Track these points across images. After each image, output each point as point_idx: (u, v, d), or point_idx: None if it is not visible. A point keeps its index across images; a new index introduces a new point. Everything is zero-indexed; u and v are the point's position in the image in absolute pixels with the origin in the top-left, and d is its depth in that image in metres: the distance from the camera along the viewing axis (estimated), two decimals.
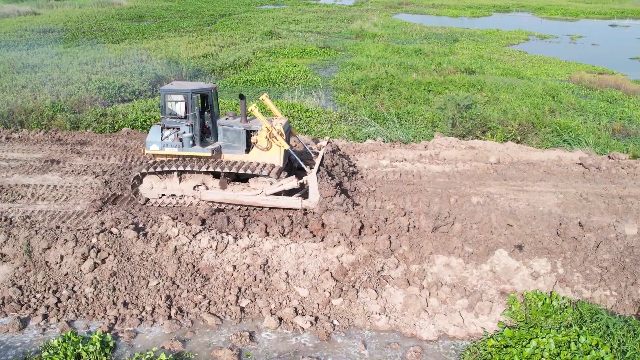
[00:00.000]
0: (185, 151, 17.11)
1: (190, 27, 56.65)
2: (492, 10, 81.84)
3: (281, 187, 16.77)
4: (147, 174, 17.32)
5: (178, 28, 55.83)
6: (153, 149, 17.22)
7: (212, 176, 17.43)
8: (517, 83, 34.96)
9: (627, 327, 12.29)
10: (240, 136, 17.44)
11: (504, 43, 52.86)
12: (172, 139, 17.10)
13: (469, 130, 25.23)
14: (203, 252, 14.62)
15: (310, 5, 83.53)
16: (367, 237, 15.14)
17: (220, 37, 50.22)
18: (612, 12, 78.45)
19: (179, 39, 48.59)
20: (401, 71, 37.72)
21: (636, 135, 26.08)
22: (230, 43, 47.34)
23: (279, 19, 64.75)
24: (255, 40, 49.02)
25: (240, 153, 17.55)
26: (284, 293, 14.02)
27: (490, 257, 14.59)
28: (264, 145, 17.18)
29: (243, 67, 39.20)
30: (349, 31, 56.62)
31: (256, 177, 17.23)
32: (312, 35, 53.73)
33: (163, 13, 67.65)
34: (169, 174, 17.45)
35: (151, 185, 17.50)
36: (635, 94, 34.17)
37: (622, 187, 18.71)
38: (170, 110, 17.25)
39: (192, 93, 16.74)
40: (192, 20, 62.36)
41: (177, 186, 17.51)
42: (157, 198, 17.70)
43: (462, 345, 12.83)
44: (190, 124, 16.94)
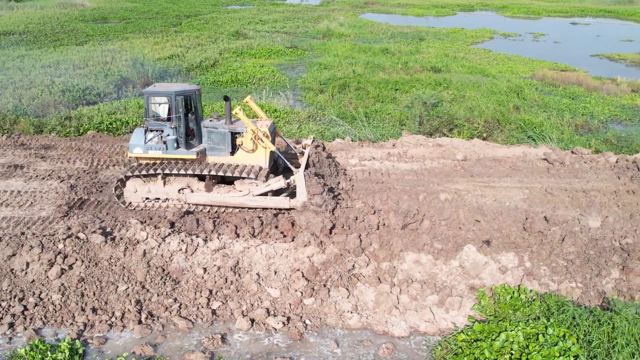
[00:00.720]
0: (170, 154, 16.90)
1: (155, 28, 55.98)
2: (457, 9, 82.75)
3: (268, 187, 16.71)
4: (131, 177, 17.04)
5: (143, 29, 55.11)
6: (136, 152, 16.97)
7: (197, 179, 17.26)
8: (482, 81, 35.44)
9: (593, 318, 12.59)
10: (225, 138, 17.30)
11: (469, 42, 53.53)
12: (156, 142, 16.89)
13: (436, 128, 25.51)
14: (173, 255, 14.50)
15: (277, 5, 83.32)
16: (338, 236, 15.20)
17: (186, 37, 49.75)
18: (573, 10, 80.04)
19: (144, 40, 47.97)
20: (368, 70, 37.90)
21: (598, 131, 26.71)
22: (196, 44, 46.92)
23: (245, 19, 64.43)
24: (221, 41, 48.68)
25: (225, 155, 17.41)
26: (256, 294, 13.99)
27: (459, 252, 14.78)
28: (249, 147, 17.08)
29: (210, 68, 38.90)
30: (315, 31, 56.66)
31: (242, 179, 17.10)
32: (279, 36, 53.63)
33: (127, 14, 66.68)
34: (153, 177, 17.21)
35: (135, 188, 17.25)
36: (597, 90, 34.98)
37: (585, 181, 19.13)
38: (154, 113, 17.03)
39: (175, 95, 16.54)
40: (157, 21, 61.63)
41: (161, 189, 17.29)
42: (141, 202, 17.46)
43: (433, 341, 12.98)
44: (174, 126, 16.74)
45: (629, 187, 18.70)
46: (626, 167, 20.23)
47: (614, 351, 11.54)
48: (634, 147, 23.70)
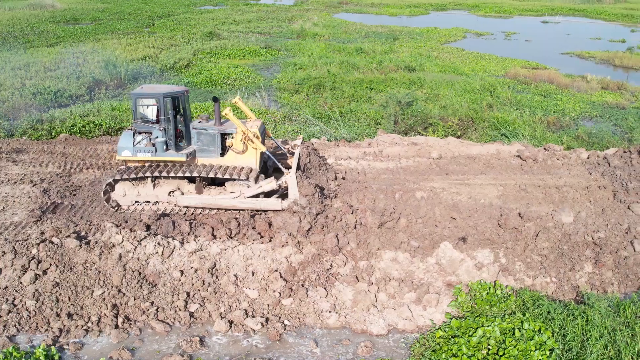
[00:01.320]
0: (159, 156, 16.73)
1: (127, 29, 55.38)
2: (430, 9, 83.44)
3: (260, 189, 16.64)
4: (120, 180, 16.84)
5: (115, 30, 54.48)
6: (125, 155, 16.75)
7: (187, 181, 17.12)
8: (455, 79, 35.79)
9: (567, 312, 12.80)
10: (215, 140, 17.17)
11: (442, 41, 53.99)
12: (145, 144, 16.70)
13: (411, 126, 25.68)
14: (149, 258, 14.36)
15: (251, 5, 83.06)
16: (315, 236, 15.22)
17: (160, 38, 49.31)
18: (544, 9, 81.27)
19: (117, 41, 47.42)
20: (343, 70, 38.00)
21: (569, 127, 27.15)
22: (169, 45, 46.54)
23: (219, 19, 64.09)
24: (195, 42, 48.36)
25: (215, 157, 17.29)
26: (234, 296, 13.94)
27: (436, 250, 14.91)
28: (239, 149, 17.00)
29: (184, 68, 38.60)
30: (290, 31, 56.64)
31: (233, 180, 16.99)
32: (253, 36, 53.45)
33: (99, 15, 65.86)
34: (143, 180, 17.02)
35: (124, 192, 17.04)
36: (567, 87, 35.57)
37: (557, 177, 19.43)
38: (142, 115, 16.83)
39: (164, 96, 16.38)
40: (130, 22, 60.98)
41: (151, 192, 17.11)
42: (131, 205, 17.26)
43: (411, 338, 13.07)
44: (163, 128, 16.57)
45: (600, 182, 19.05)
46: (597, 163, 20.60)
47: (588, 344, 11.74)
48: (605, 143, 24.16)
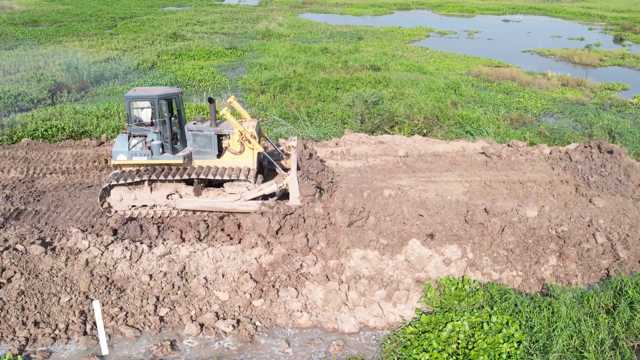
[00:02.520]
0: (156, 159, 16.50)
1: (89, 31, 54.45)
2: (394, 8, 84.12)
3: (261, 191, 16.53)
4: (115, 185, 16.56)
5: (76, 32, 53.51)
6: (120, 159, 16.51)
7: (184, 183, 16.93)
8: (420, 78, 36.18)
9: (533, 304, 13.07)
10: (212, 141, 17.01)
11: (407, 40, 54.49)
12: (140, 148, 16.46)
13: (377, 125, 25.88)
14: (117, 263, 14.16)
15: (215, 6, 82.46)
16: (285, 236, 15.23)
17: (122, 40, 48.61)
18: (505, 8, 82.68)
19: (79, 43, 46.60)
20: (309, 70, 38.07)
21: (532, 124, 27.71)
22: (133, 46, 45.92)
23: (182, 20, 63.48)
24: (159, 43, 47.82)
25: (212, 158, 17.13)
26: (204, 298, 13.85)
27: (405, 247, 15.06)
28: (237, 149, 16.88)
29: (148, 70, 38.16)
30: (254, 31, 56.45)
31: (231, 181, 16.87)
32: (217, 37, 53.09)
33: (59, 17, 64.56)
34: (139, 184, 16.78)
35: (120, 197, 16.77)
36: (529, 84, 36.30)
37: (521, 172, 19.82)
38: (137, 118, 16.58)
39: (158, 99, 16.16)
40: (91, 23, 59.96)
41: (148, 196, 16.86)
42: (127, 210, 17.01)
43: (382, 335, 13.17)
44: (158, 131, 16.35)
45: (563, 177, 19.50)
46: (559, 158, 21.08)
47: (554, 334, 12.01)
48: (566, 138, 24.73)
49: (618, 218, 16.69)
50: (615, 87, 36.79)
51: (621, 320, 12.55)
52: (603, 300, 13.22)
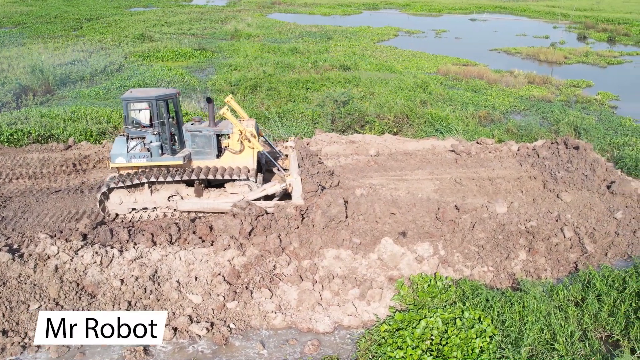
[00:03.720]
0: (155, 161, 16.32)
1: (54, 33, 53.47)
2: (362, 8, 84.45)
3: (264, 192, 16.41)
4: (115, 188, 16.32)
5: (41, 34, 52.50)
6: (119, 162, 16.28)
7: (184, 185, 16.77)
8: (390, 77, 36.41)
9: (505, 299, 13.26)
10: (211, 141, 16.91)
11: (375, 39, 54.77)
12: (140, 150, 16.24)
13: (348, 125, 25.97)
14: (87, 268, 13.94)
15: (182, 7, 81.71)
16: (257, 237, 15.17)
17: (88, 42, 47.88)
18: (471, 7, 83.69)
19: (43, 45, 45.72)
20: (279, 70, 38.00)
21: (500, 121, 28.11)
22: (99, 48, 45.26)
23: (150, 21, 62.76)
24: (126, 44, 47.22)
25: (211, 158, 17.02)
26: (177, 302, 13.72)
27: (377, 246, 15.13)
28: (236, 149, 16.79)
29: (115, 72, 37.65)
30: (223, 32, 56.11)
31: (233, 181, 16.76)
32: (186, 37, 52.64)
33: (23, 19, 63.24)
34: (139, 187, 16.57)
35: (120, 200, 16.52)
36: (496, 82, 36.83)
37: (490, 169, 20.10)
38: (134, 120, 16.35)
39: (156, 100, 15.96)
40: (56, 25, 58.88)
41: (148, 198, 16.63)
42: (127, 213, 16.79)
43: (357, 334, 13.22)
44: (156, 132, 16.13)
45: (531, 173, 19.83)
46: (527, 155, 21.42)
47: (525, 328, 12.20)
48: (533, 135, 25.16)
49: (585, 212, 17.04)
50: (579, 84, 37.57)
51: (589, 312, 12.82)
52: (572, 293, 13.48)
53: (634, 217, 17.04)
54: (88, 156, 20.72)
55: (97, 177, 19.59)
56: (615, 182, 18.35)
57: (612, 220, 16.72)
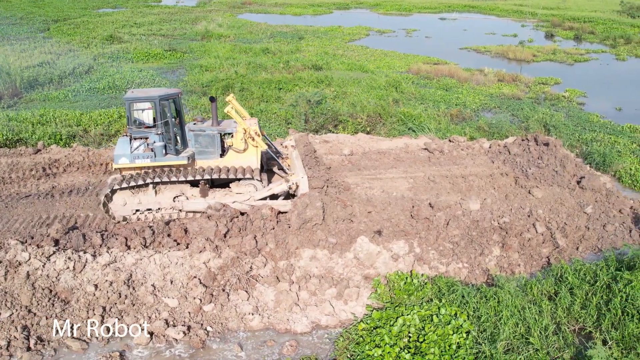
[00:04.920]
0: (159, 161, 16.13)
1: (20, 34, 52.40)
2: (333, 8, 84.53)
3: (270, 191, 16.34)
4: (118, 190, 16.09)
5: (7, 36, 51.39)
6: (123, 163, 16.03)
7: (189, 185, 16.62)
8: (362, 77, 36.54)
9: (480, 295, 13.43)
10: (215, 140, 16.82)
11: (347, 39, 54.90)
12: (143, 150, 16.01)
13: (321, 124, 26.00)
14: (59, 274, 13.70)
15: (152, 7, 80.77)
16: (233, 239, 15.10)
17: (56, 43, 47.04)
18: (441, 6, 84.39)
19: (9, 47, 44.76)
20: (250, 71, 37.85)
21: (471, 119, 28.43)
22: (67, 50, 44.50)
23: (119, 22, 61.93)
24: (95, 46, 46.51)
25: (215, 158, 16.92)
26: (153, 306, 13.58)
27: (353, 245, 15.18)
28: (240, 147, 16.72)
29: (84, 74, 37.07)
30: (194, 32, 55.64)
31: (238, 181, 16.66)
32: (156, 38, 52.06)
33: None
34: (143, 188, 16.36)
35: (124, 201, 16.28)
36: (467, 81, 37.23)
37: (463, 167, 20.31)
38: (137, 120, 16.15)
39: (160, 99, 15.75)
40: (22, 27, 57.70)
41: (153, 199, 16.40)
42: (132, 214, 16.58)
43: (335, 333, 13.26)
44: (160, 132, 15.93)
45: (502, 170, 20.09)
46: (498, 152, 21.71)
47: (500, 323, 12.37)
48: (504, 132, 25.51)
49: (556, 208, 17.33)
50: (548, 81, 38.22)
51: (563, 305, 13.05)
52: (545, 288, 13.70)
53: (603, 211, 17.40)
54: (58, 160, 20.35)
55: (68, 181, 19.27)
56: (585, 178, 18.71)
57: (583, 214, 17.04)
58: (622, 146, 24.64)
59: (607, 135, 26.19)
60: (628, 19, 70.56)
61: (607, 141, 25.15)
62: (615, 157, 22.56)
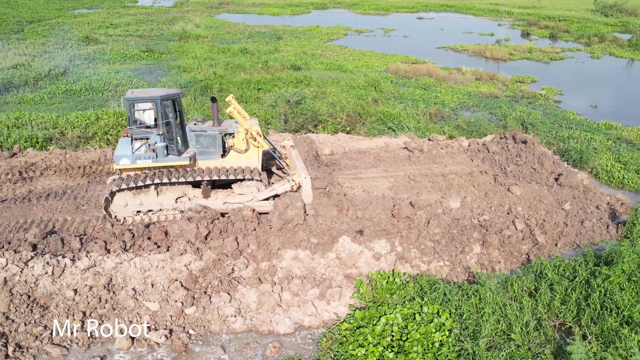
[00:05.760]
0: (161, 162, 15.94)
1: None
2: (311, 8, 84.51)
3: (273, 191, 16.26)
4: (120, 190, 15.88)
5: None
6: (124, 163, 15.81)
7: (191, 186, 16.48)
8: (341, 76, 36.55)
9: (461, 292, 13.52)
10: (216, 141, 16.72)
11: (325, 39, 54.90)
12: (145, 150, 15.83)
13: (301, 125, 25.96)
14: (38, 279, 13.49)
15: (128, 8, 79.95)
16: (214, 241, 15.01)
17: (31, 45, 46.29)
18: (418, 5, 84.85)
19: None
20: (229, 71, 37.66)
21: (450, 118, 28.61)
22: (43, 51, 43.84)
23: (95, 23, 61.19)
24: (71, 47, 45.90)
25: (216, 158, 16.81)
26: (134, 310, 13.44)
27: (335, 245, 15.19)
28: (242, 148, 16.64)
29: (60, 76, 36.56)
30: (171, 33, 55.20)
31: (240, 182, 16.56)
32: (133, 39, 51.54)
33: None
34: (145, 188, 16.17)
35: (125, 202, 16.04)
36: (445, 79, 37.47)
37: (443, 165, 20.43)
38: (138, 120, 15.95)
39: (161, 100, 15.57)
40: None
41: (154, 200, 16.19)
42: (133, 215, 16.35)
43: (318, 334, 13.25)
44: (161, 132, 15.75)
45: (482, 167, 20.26)
46: (477, 150, 21.88)
47: (482, 320, 12.47)
48: (482, 130, 25.72)
49: (535, 205, 17.52)
50: (525, 79, 38.65)
51: (543, 301, 13.19)
52: (525, 284, 13.84)
53: (581, 207, 17.64)
54: (35, 163, 20.04)
55: (45, 185, 18.99)
56: (563, 175, 18.95)
57: (561, 211, 17.25)
58: (598, 143, 24.99)
59: (583, 132, 26.55)
60: (602, 17, 71.74)
61: (583, 138, 25.50)
62: (592, 154, 22.89)
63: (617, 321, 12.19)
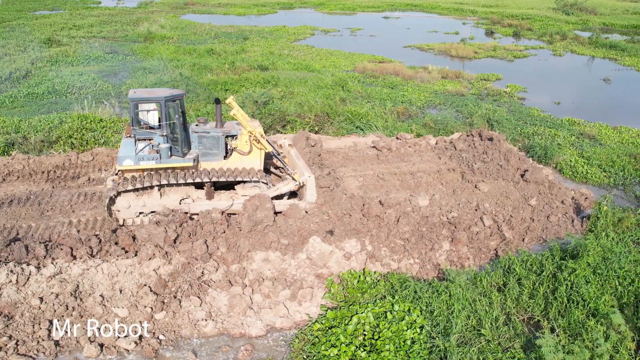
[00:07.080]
0: (165, 163, 15.65)
1: None
2: (277, 8, 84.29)
3: (277, 191, 16.15)
4: (122, 192, 15.60)
5: None
6: (127, 164, 15.47)
7: (194, 187, 16.26)
8: (308, 76, 36.53)
9: (432, 289, 13.63)
10: (219, 142, 16.54)
11: (292, 39, 54.83)
12: (148, 152, 15.51)
13: (269, 125, 25.86)
14: (2, 288, 13.14)
15: (91, 9, 78.57)
16: (183, 245, 14.85)
17: None
18: (384, 5, 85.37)
19: None
20: (195, 72, 37.33)
21: (417, 116, 28.84)
22: (3, 54, 42.80)
23: (57, 24, 59.99)
24: (32, 49, 44.90)
25: (219, 160, 16.64)
26: (102, 317, 13.19)
27: (306, 245, 15.16)
28: (245, 149, 16.49)
29: (22, 79, 35.74)
30: (136, 34, 54.45)
31: (244, 183, 16.40)
32: (96, 41, 50.69)
33: None
34: (148, 190, 15.89)
35: (128, 204, 15.71)
36: (412, 78, 37.78)
37: (411, 164, 20.59)
38: (142, 121, 15.62)
39: (165, 100, 15.27)
40: None
41: (157, 202, 15.87)
42: (135, 217, 16.04)
43: (290, 335, 13.20)
44: (165, 133, 15.48)
45: (449, 165, 20.47)
46: (445, 148, 22.10)
47: (452, 316, 12.58)
48: (449, 128, 25.99)
49: (502, 201, 17.78)
50: (490, 77, 39.23)
51: (511, 296, 13.39)
52: (494, 279, 14.04)
53: (547, 202, 17.96)
54: None
55: (8, 191, 18.52)
56: (528, 171, 19.26)
57: (527, 206, 17.54)
58: (562, 139, 25.50)
59: (547, 128, 27.06)
60: (563, 15, 73.27)
61: (547, 134, 25.99)
62: (556, 149, 23.33)
63: (584, 313, 12.46)
